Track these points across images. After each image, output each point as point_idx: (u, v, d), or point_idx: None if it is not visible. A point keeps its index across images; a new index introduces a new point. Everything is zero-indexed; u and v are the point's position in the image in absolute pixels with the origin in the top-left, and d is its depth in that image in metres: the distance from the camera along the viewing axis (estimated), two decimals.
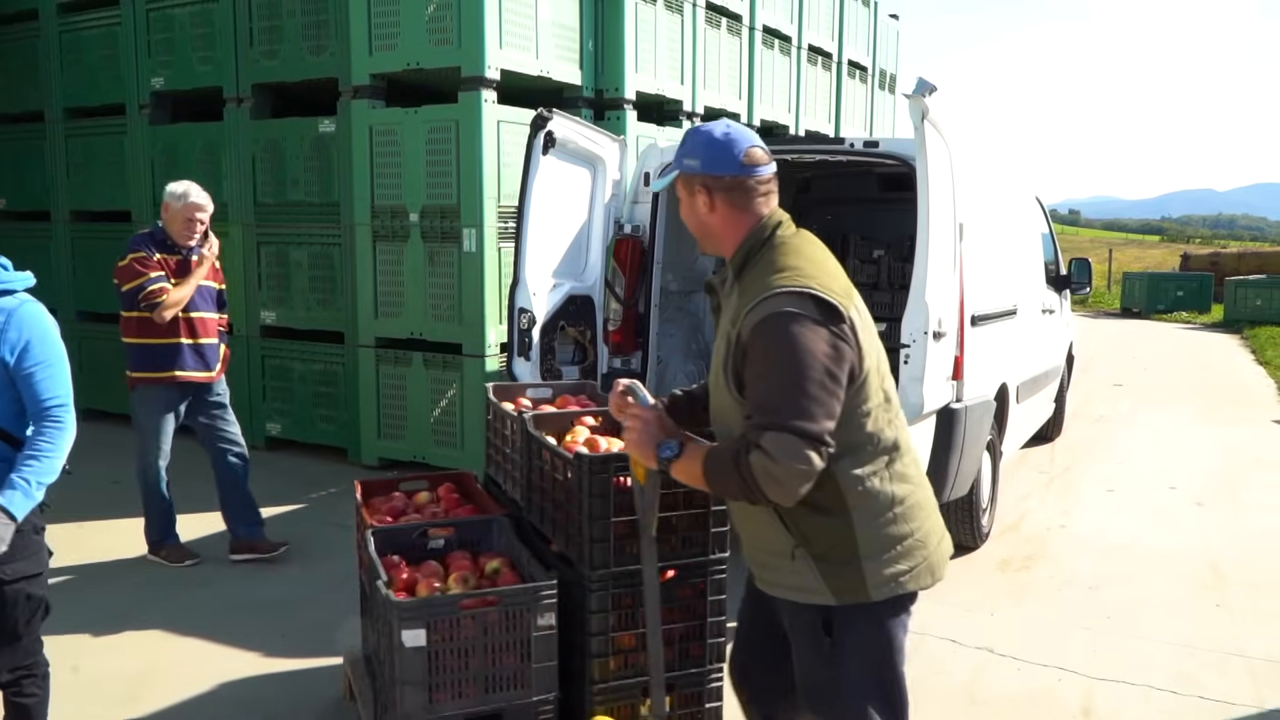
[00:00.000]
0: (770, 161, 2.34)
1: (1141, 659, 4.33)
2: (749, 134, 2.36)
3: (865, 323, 2.27)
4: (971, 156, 5.51)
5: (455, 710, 2.83)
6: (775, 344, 2.14)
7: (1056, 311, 7.64)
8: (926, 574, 2.34)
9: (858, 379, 2.20)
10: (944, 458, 4.90)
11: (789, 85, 10.31)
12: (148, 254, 5.00)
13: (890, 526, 2.27)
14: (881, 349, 2.32)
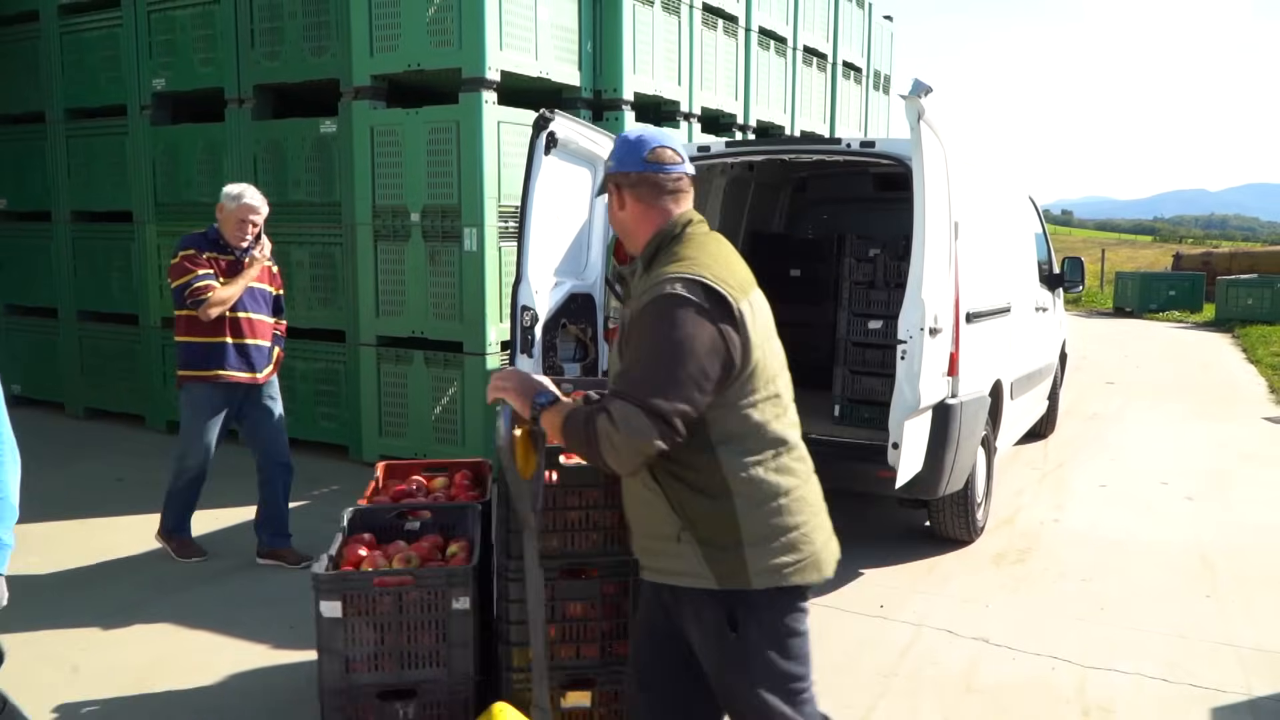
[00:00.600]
0: (681, 162, 2.46)
1: (1133, 648, 4.42)
2: (664, 136, 2.51)
3: (760, 319, 2.36)
4: (966, 156, 5.59)
5: (370, 681, 2.93)
6: (655, 323, 2.25)
7: (1050, 309, 7.74)
8: (812, 569, 2.37)
9: (743, 370, 2.28)
10: (940, 452, 4.99)
11: (784, 86, 10.40)
12: (197, 252, 5.03)
13: (774, 516, 2.32)
14: (779, 350, 2.43)
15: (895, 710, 3.86)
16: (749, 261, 6.77)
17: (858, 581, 5.22)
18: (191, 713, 3.78)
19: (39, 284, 9.12)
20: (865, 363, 5.76)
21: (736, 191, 7.00)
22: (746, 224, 7.32)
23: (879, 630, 4.61)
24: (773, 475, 2.33)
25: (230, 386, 5.12)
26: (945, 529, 5.72)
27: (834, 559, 2.45)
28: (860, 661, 4.28)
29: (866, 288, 5.88)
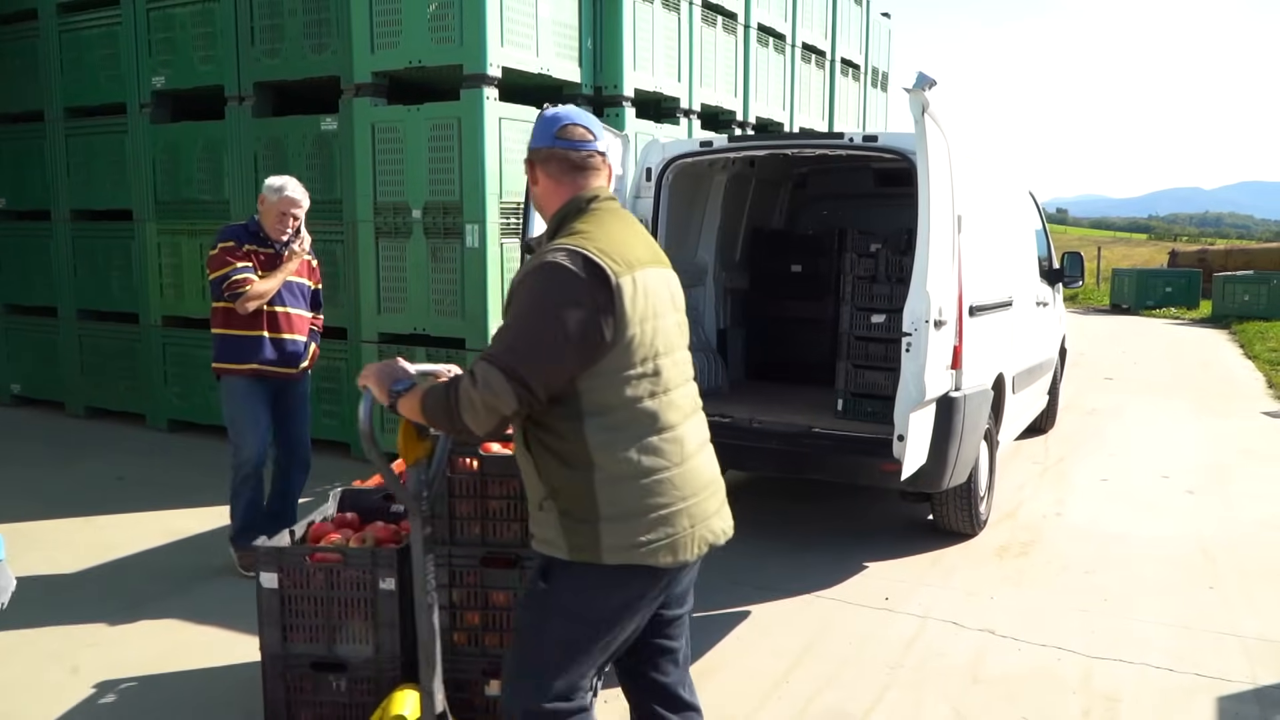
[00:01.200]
0: (592, 140, 2.48)
1: (1138, 639, 4.43)
2: (577, 114, 2.53)
3: (647, 297, 2.35)
4: (968, 150, 5.61)
5: (304, 651, 3.06)
6: (529, 291, 2.30)
7: (1050, 304, 7.76)
8: (667, 552, 2.35)
9: (615, 344, 2.28)
10: (943, 445, 5.00)
11: (783, 83, 10.42)
12: (237, 244, 4.92)
13: (634, 495, 2.32)
14: (672, 331, 2.43)
15: (903, 701, 3.88)
16: (750, 257, 6.81)
17: (862, 575, 5.24)
18: (201, 707, 3.77)
19: (38, 283, 9.10)
20: (868, 357, 5.77)
21: (738, 188, 7.01)
22: (748, 220, 7.33)
23: (884, 622, 4.62)
24: (635, 453, 2.32)
25: (266, 378, 5.05)
26: (948, 522, 5.74)
27: (696, 545, 2.41)
28: (866, 653, 4.29)
29: (869, 282, 5.89)
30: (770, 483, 7.05)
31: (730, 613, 4.70)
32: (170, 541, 5.70)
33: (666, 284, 2.48)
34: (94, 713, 3.76)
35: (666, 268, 2.52)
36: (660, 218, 5.87)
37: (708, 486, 2.47)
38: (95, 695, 3.88)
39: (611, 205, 2.48)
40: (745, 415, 5.63)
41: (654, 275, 2.42)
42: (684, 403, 2.45)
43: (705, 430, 2.55)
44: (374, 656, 2.97)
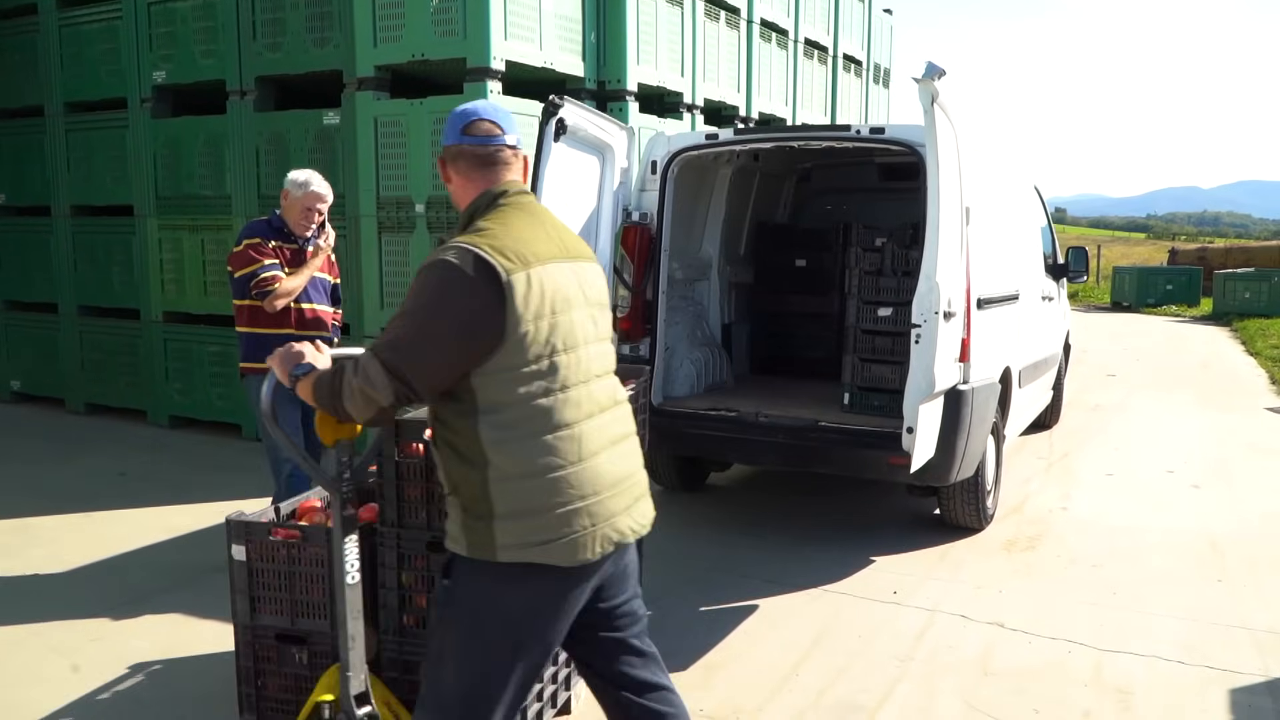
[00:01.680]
0: (500, 134, 2.47)
1: (1148, 632, 4.41)
2: (486, 109, 2.52)
3: (543, 293, 2.31)
4: (976, 142, 5.58)
5: (270, 623, 3.17)
6: (418, 286, 2.31)
7: (1055, 299, 7.74)
8: (564, 551, 2.31)
9: (505, 341, 2.26)
10: (951, 438, 4.97)
11: (785, 78, 10.39)
12: (263, 240, 4.77)
13: (528, 493, 2.29)
14: (574, 328, 2.37)
15: (914, 693, 3.85)
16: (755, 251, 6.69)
17: (869, 568, 5.21)
18: (203, 699, 3.75)
19: (38, 279, 9.07)
20: (875, 350, 5.74)
21: (742, 182, 6.97)
22: (752, 214, 7.30)
23: (893, 616, 4.59)
24: (533, 453, 2.29)
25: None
26: (955, 516, 5.71)
27: (606, 543, 2.37)
28: (875, 646, 4.26)
29: (875, 276, 5.86)
30: (776, 477, 7.02)
31: (738, 606, 4.68)
32: (172, 537, 5.67)
33: (576, 278, 2.44)
34: (97, 705, 3.74)
35: (580, 260, 2.48)
36: (665, 211, 5.84)
37: (615, 485, 2.41)
38: (98, 688, 3.86)
39: (521, 200, 2.46)
40: (751, 409, 5.60)
41: (558, 270, 2.38)
42: (586, 400, 2.39)
43: (621, 426, 2.50)
44: (331, 631, 3.02)
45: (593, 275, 2.52)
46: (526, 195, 2.49)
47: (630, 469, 2.50)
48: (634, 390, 3.94)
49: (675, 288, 6.48)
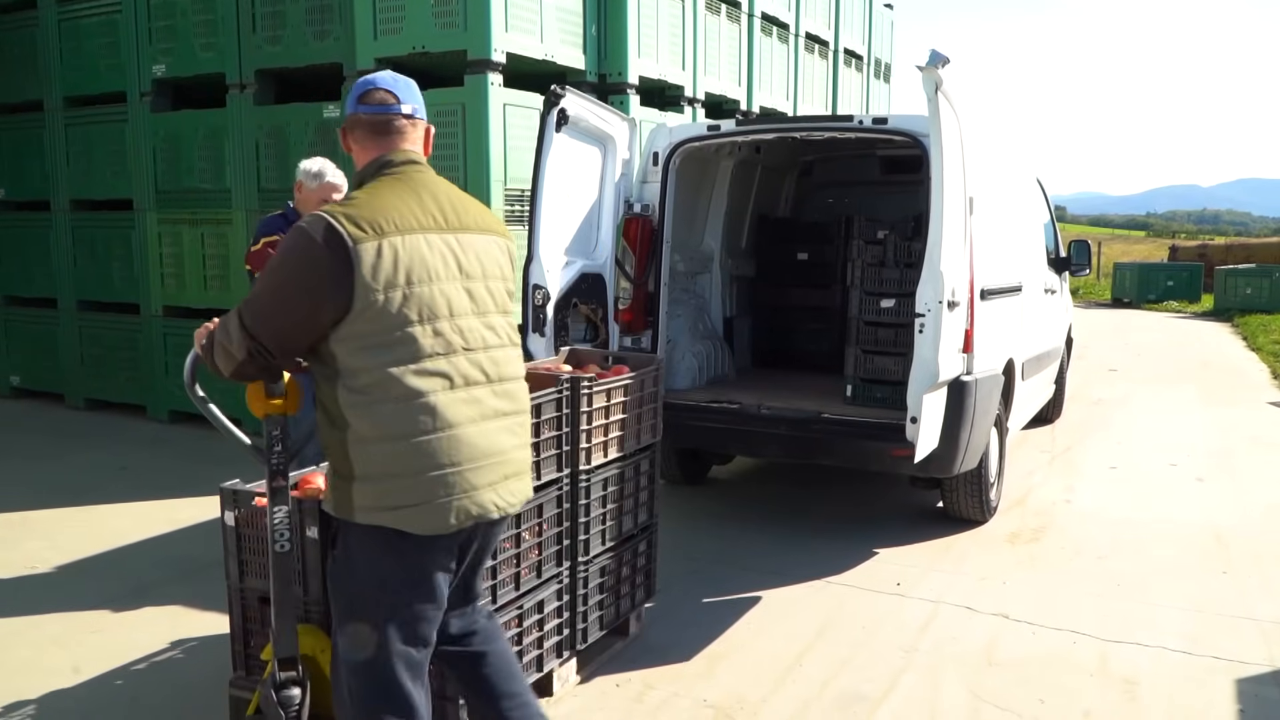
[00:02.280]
0: (393, 103, 2.55)
1: (1153, 622, 4.39)
2: (384, 79, 2.60)
3: (402, 263, 2.35)
4: (980, 132, 5.56)
5: (254, 586, 3.22)
6: (278, 250, 2.43)
7: (1057, 292, 7.72)
8: (422, 518, 2.37)
9: (355, 309, 2.31)
10: (955, 430, 4.95)
11: (786, 73, 10.37)
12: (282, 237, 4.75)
13: (382, 458, 2.35)
14: (440, 298, 2.40)
15: (919, 683, 3.83)
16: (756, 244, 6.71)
17: (873, 560, 5.19)
18: (206, 689, 3.72)
19: (38, 274, 9.04)
20: (878, 342, 5.72)
21: (744, 174, 6.95)
22: (754, 207, 7.28)
23: (897, 607, 4.57)
24: (383, 417, 2.34)
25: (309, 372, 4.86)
26: (959, 509, 5.69)
27: (464, 515, 2.41)
28: (880, 637, 4.24)
29: (878, 268, 5.84)
30: (778, 470, 7.01)
31: (741, 598, 4.65)
32: (173, 530, 5.65)
33: (451, 250, 2.46)
34: (97, 697, 3.71)
35: (466, 232, 2.50)
36: (666, 203, 5.81)
37: (480, 458, 2.44)
38: (99, 679, 3.83)
39: (405, 170, 2.50)
40: (753, 401, 5.58)
41: (424, 241, 2.41)
42: (451, 372, 2.41)
43: (501, 402, 2.52)
44: (302, 597, 3.05)
45: (482, 247, 2.54)
46: (414, 165, 2.53)
47: (503, 446, 2.51)
48: (634, 378, 3.96)
49: (677, 280, 6.47)
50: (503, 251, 2.63)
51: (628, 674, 3.88)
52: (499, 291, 2.58)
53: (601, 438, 3.78)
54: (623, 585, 4.07)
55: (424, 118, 2.64)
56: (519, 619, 3.43)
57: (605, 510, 3.87)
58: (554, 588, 3.63)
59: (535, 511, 3.47)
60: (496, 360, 2.52)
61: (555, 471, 3.57)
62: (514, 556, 3.39)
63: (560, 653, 3.69)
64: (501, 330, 2.56)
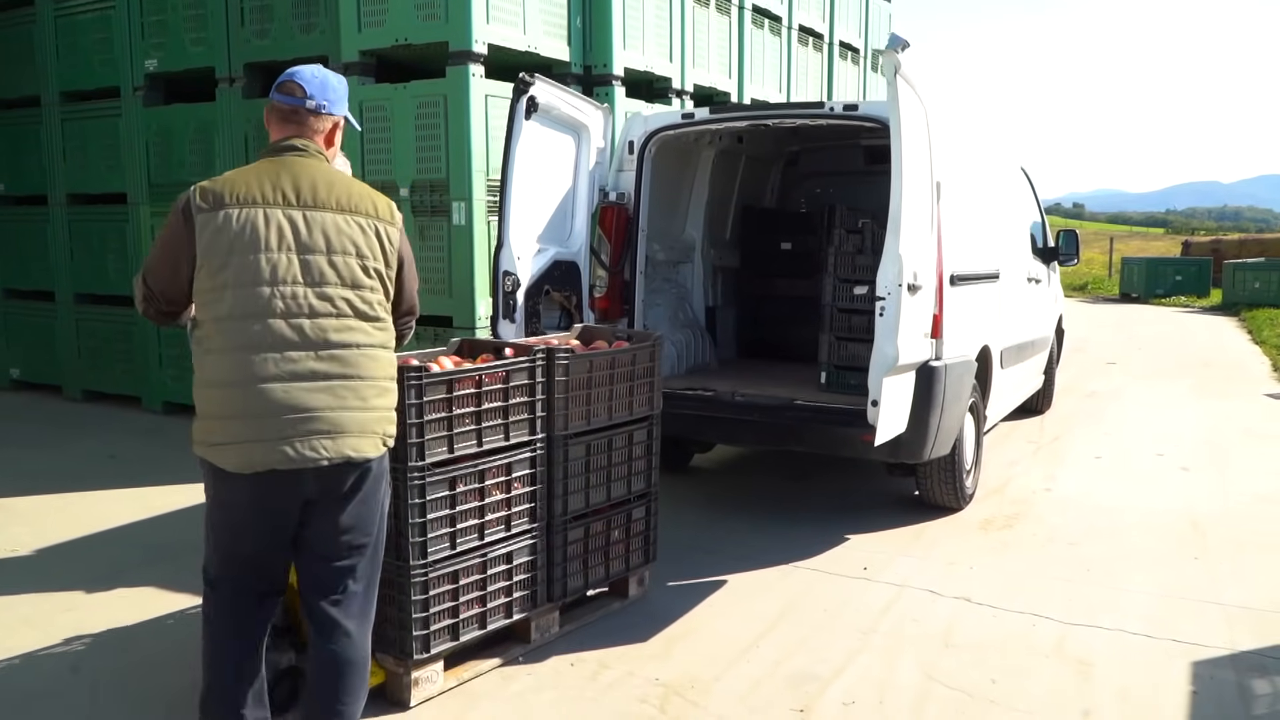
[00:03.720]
0: (298, 95, 2.83)
1: (1117, 606, 4.38)
2: (303, 73, 2.87)
3: (233, 233, 2.65)
4: (951, 119, 5.56)
5: None
6: None
7: (1043, 282, 7.69)
8: (224, 456, 2.68)
9: (197, 268, 2.67)
10: (924, 414, 4.95)
11: (779, 65, 10.36)
12: None
13: (208, 401, 2.70)
14: (264, 267, 2.65)
15: (873, 664, 3.84)
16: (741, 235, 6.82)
17: (843, 546, 5.20)
18: (178, 668, 3.78)
19: (36, 268, 9.15)
20: (851, 329, 5.73)
21: (727, 164, 6.97)
22: (738, 198, 7.29)
23: (861, 591, 4.59)
24: (210, 365, 2.69)
25: None
26: (933, 496, 5.69)
27: (264, 463, 2.65)
28: (839, 619, 4.26)
29: (854, 255, 5.85)
30: (759, 459, 7.02)
31: (706, 581, 4.68)
32: (154, 515, 5.72)
33: (292, 225, 2.70)
34: (65, 673, 3.77)
35: (319, 210, 2.73)
36: (642, 191, 5.85)
37: (287, 413, 2.65)
38: (66, 656, 3.89)
39: (283, 155, 2.79)
40: (728, 389, 5.60)
41: (264, 215, 2.68)
42: (266, 333, 2.65)
43: (323, 365, 2.69)
44: None
45: (334, 225, 2.74)
46: (295, 151, 2.80)
47: (313, 405, 2.68)
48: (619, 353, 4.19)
49: (658, 270, 6.50)
50: (366, 231, 2.79)
51: (583, 653, 3.91)
52: (346, 266, 2.75)
53: (583, 405, 3.98)
54: (614, 547, 4.25)
55: (337, 113, 2.91)
56: (483, 566, 3.64)
57: (588, 475, 4.05)
58: (527, 542, 3.82)
59: (504, 469, 3.68)
60: (323, 328, 2.71)
61: (528, 434, 3.78)
62: (477, 509, 3.58)
63: (535, 603, 3.88)
64: (339, 301, 2.73)
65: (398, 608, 3.43)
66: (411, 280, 2.97)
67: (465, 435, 3.54)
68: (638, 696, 3.58)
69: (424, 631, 3.45)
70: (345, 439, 2.72)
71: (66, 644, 4.00)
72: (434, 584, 3.47)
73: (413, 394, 3.32)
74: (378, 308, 2.81)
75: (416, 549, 3.40)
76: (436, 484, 3.44)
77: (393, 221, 2.87)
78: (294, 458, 2.66)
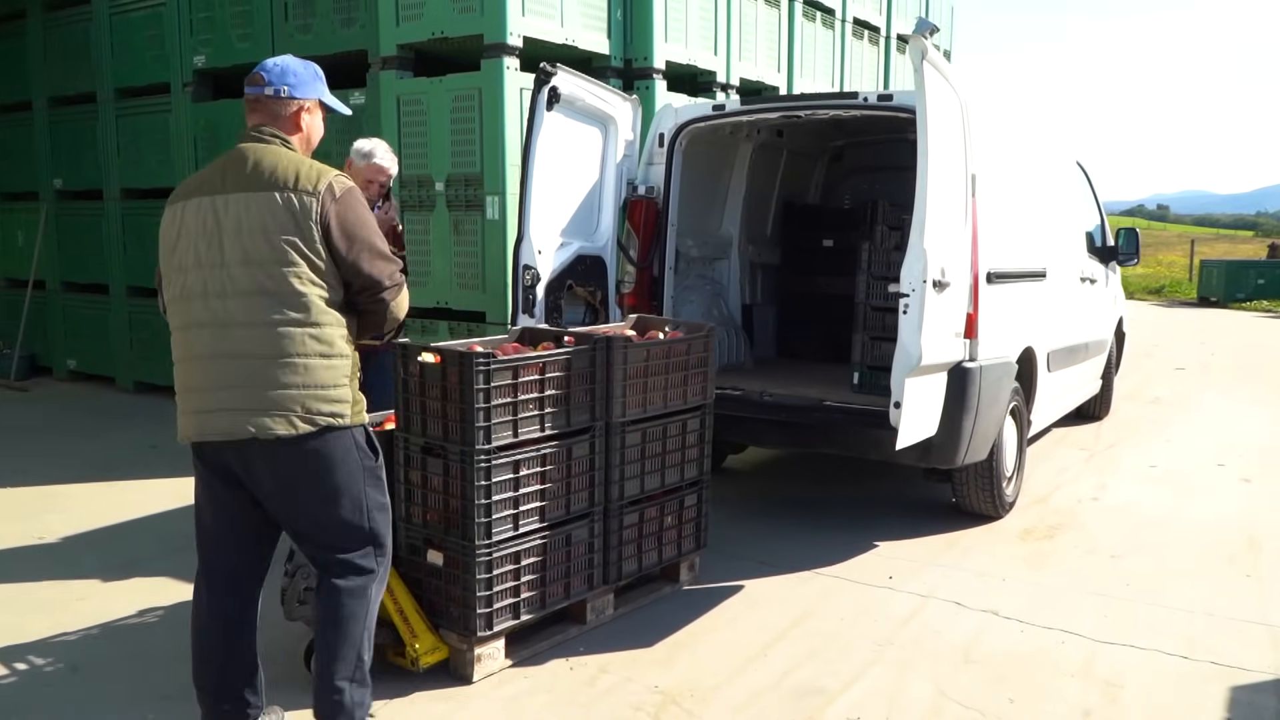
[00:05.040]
0: (257, 85, 2.94)
1: (1154, 625, 4.13)
2: (269, 62, 2.99)
3: (178, 222, 2.84)
4: (992, 110, 5.34)
5: None
6: None
7: (1100, 282, 7.36)
8: (178, 427, 2.88)
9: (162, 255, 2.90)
10: (957, 417, 4.75)
11: (832, 59, 10.13)
12: None
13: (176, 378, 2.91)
14: (187, 254, 2.81)
15: (884, 677, 3.67)
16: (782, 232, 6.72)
17: (871, 553, 5.01)
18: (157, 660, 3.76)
19: (92, 261, 9.35)
20: (885, 328, 5.51)
21: (766, 159, 6.80)
22: (779, 194, 7.12)
23: (883, 600, 4.40)
24: (174, 345, 2.89)
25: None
26: (970, 503, 5.46)
27: (194, 433, 2.84)
28: (856, 629, 4.08)
29: (891, 251, 5.65)
30: (796, 463, 6.84)
31: (722, 586, 4.53)
32: (183, 506, 5.70)
33: (214, 210, 2.78)
34: (73, 659, 3.77)
35: (231, 193, 2.78)
36: (672, 185, 5.71)
37: (196, 390, 2.84)
38: (75, 643, 3.90)
39: (242, 144, 2.88)
40: (756, 388, 5.44)
41: (198, 205, 2.81)
42: (185, 314, 2.83)
43: (215, 345, 2.79)
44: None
45: (244, 205, 2.76)
46: (249, 137, 2.89)
47: (224, 382, 2.78)
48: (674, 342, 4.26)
49: (691, 266, 6.36)
50: (276, 204, 2.75)
51: (584, 657, 3.80)
52: (254, 243, 2.75)
53: (640, 393, 4.07)
54: (666, 533, 4.33)
55: (299, 95, 2.95)
56: (543, 548, 3.73)
57: (644, 461, 4.14)
58: (584, 525, 3.92)
59: (564, 454, 3.78)
60: (231, 308, 2.77)
61: (588, 420, 3.88)
62: (539, 492, 3.69)
63: (592, 584, 3.98)
64: (244, 280, 2.75)
65: (462, 586, 3.53)
66: (360, 252, 2.81)
67: (529, 420, 3.64)
68: (633, 704, 3.46)
69: (487, 610, 3.53)
70: (249, 416, 2.75)
71: (73, 633, 4.01)
72: (498, 564, 3.56)
73: (480, 380, 3.42)
74: (293, 282, 2.74)
75: (482, 529, 3.49)
76: (501, 467, 3.54)
77: (312, 191, 2.75)
78: (207, 431, 2.81)
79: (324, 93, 3.02)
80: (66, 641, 3.94)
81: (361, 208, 2.87)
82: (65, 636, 3.98)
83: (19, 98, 9.69)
